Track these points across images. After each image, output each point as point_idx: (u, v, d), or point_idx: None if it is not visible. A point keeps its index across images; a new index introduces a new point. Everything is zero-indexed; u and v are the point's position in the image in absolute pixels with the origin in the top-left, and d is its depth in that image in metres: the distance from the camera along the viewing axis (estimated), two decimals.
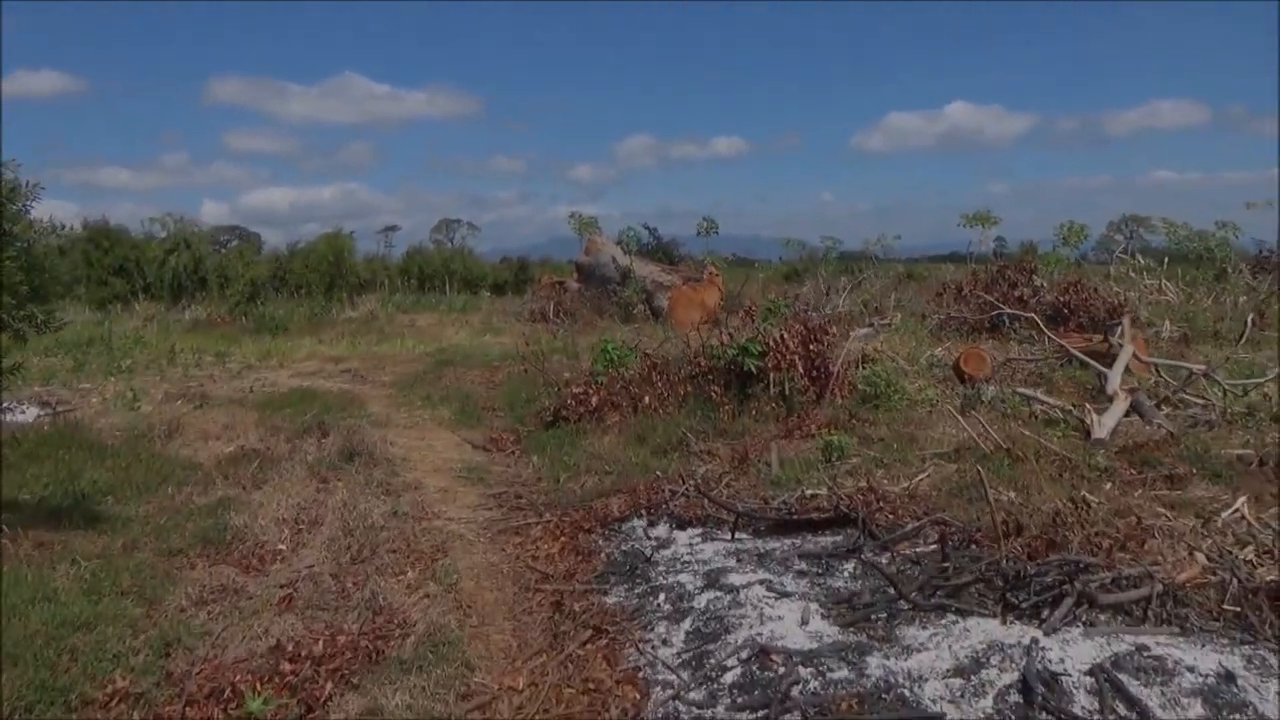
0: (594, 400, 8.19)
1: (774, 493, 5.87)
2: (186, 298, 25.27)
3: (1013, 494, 5.39)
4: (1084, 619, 3.78)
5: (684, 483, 6.01)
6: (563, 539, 5.29)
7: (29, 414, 10.11)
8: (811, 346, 8.10)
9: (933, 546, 4.82)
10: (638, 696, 3.46)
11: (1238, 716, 3.04)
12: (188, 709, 3.42)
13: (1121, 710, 3.07)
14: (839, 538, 5.09)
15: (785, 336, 7.99)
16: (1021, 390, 8.12)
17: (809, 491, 5.73)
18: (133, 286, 26.86)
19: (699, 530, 5.35)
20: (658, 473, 6.33)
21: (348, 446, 7.05)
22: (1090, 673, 3.27)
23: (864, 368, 8.74)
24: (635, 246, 21.73)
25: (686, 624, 4.03)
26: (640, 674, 3.63)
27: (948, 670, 3.39)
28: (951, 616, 3.84)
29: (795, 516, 5.28)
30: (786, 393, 7.96)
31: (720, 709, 3.30)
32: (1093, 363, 8.84)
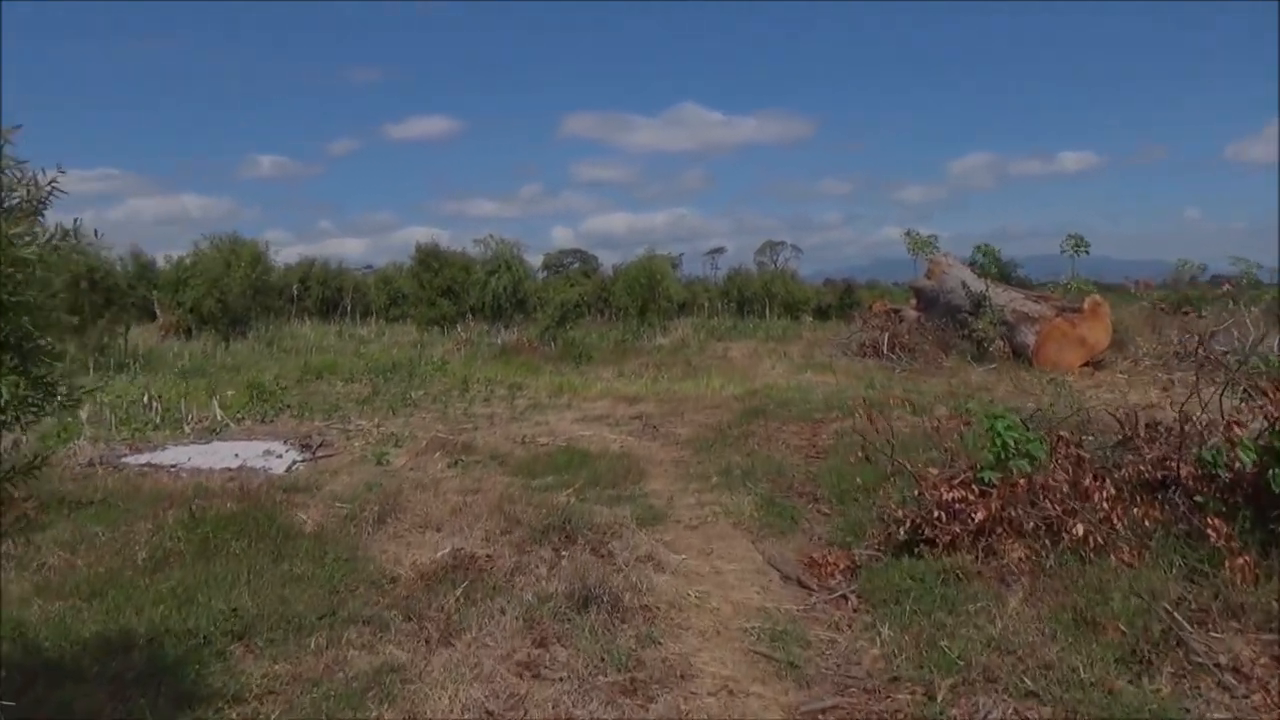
0: (979, 514, 5.06)
1: None
2: (505, 320, 25.08)
3: None
4: None
5: None
6: None
7: (284, 460, 8.88)
8: None
9: None
10: None
11: None
12: None
13: None
14: None
15: None
16: None
17: None
18: (460, 308, 27.34)
19: None
20: None
21: (584, 586, 4.52)
22: None
23: None
24: (994, 268, 17.78)
25: None
26: None
27: None
28: None
29: None
30: None
31: None
32: None
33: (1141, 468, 5.26)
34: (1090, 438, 7.79)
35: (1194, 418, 5.70)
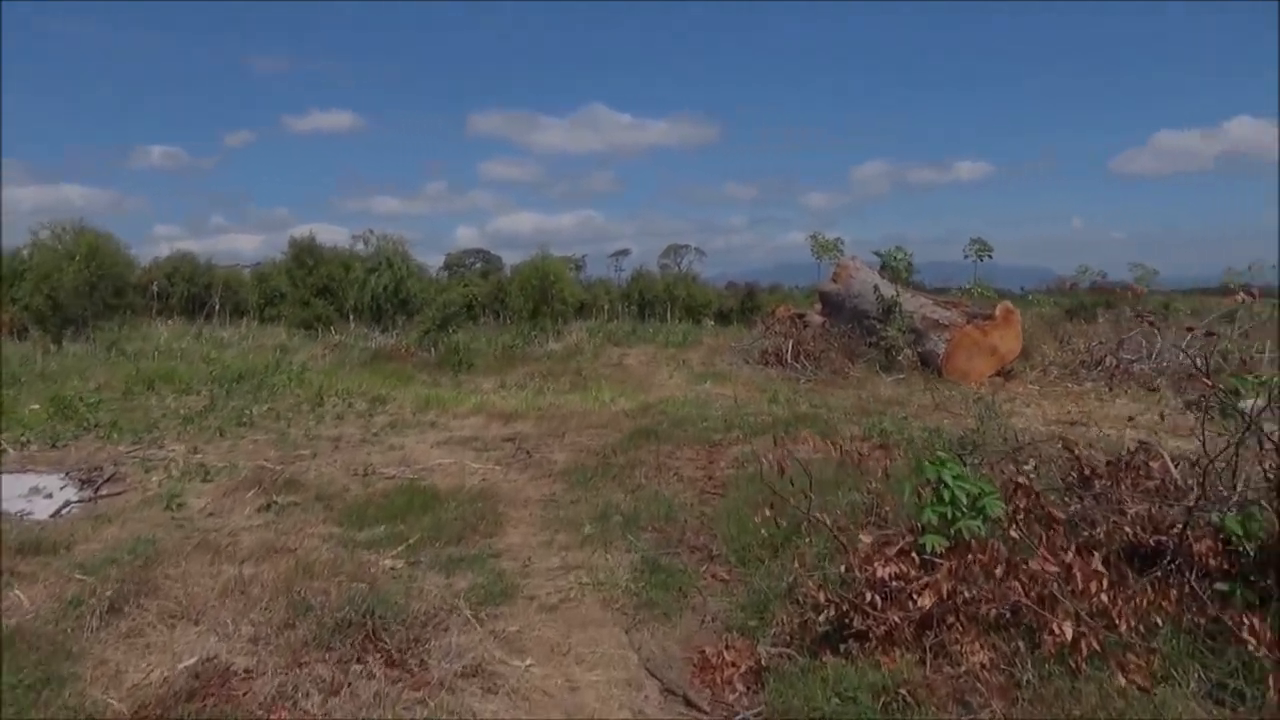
0: (925, 600, 3.76)
1: None
2: (386, 323, 23.14)
3: None
4: None
5: None
6: None
7: (54, 501, 7.07)
8: None
9: None
10: None
11: None
12: None
13: None
14: None
15: None
16: None
17: None
18: (339, 308, 25.25)
19: None
20: None
21: None
22: None
23: None
24: (905, 273, 16.88)
25: None
26: None
27: None
28: None
29: None
30: None
31: None
32: None
33: (1127, 529, 4.04)
34: (1029, 466, 6.68)
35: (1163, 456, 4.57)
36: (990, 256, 23.91)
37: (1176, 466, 5.18)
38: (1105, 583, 3.38)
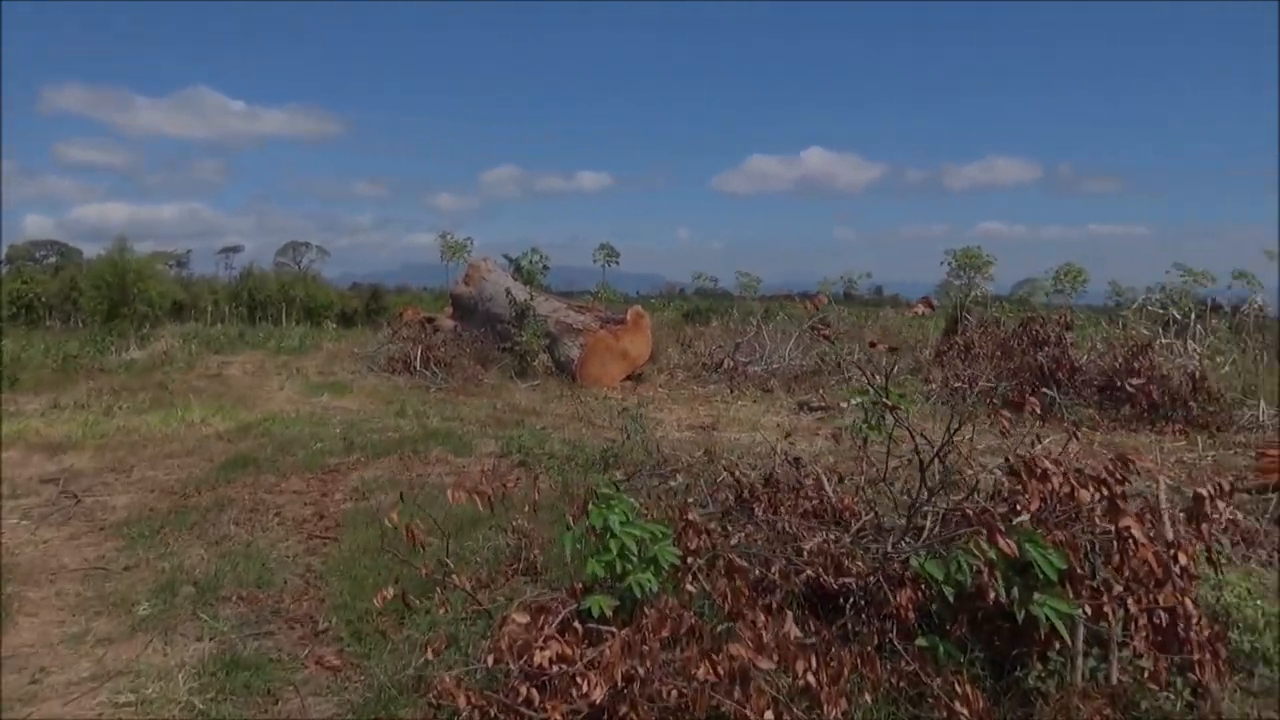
0: (594, 689, 2.94)
1: None
2: None
3: None
4: None
5: None
6: None
7: None
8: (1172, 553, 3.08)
9: None
10: None
11: None
12: None
13: None
14: None
15: (1133, 530, 2.91)
16: None
17: None
18: None
19: None
20: None
21: None
22: None
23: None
24: (538, 275, 16.39)
25: None
26: None
27: None
28: None
29: None
30: (1111, 677, 2.95)
31: None
32: None
33: (808, 570, 3.53)
34: (678, 482, 6.26)
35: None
36: (618, 263, 24.59)
37: (831, 483, 4.93)
38: (813, 660, 2.76)
